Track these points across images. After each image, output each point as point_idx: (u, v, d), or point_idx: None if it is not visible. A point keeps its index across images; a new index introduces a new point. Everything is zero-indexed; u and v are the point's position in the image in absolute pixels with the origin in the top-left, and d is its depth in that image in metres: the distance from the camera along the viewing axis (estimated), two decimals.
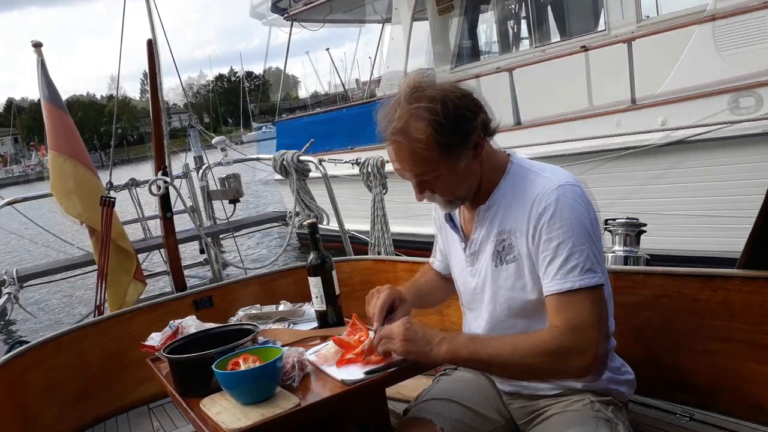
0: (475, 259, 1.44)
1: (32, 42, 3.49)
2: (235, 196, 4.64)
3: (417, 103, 1.26)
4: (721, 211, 4.89)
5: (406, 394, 1.80)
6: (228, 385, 1.24)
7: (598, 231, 1.29)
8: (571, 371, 1.22)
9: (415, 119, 1.25)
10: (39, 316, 7.86)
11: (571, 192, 1.27)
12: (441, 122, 1.24)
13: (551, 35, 7.62)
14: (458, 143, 1.28)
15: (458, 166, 1.31)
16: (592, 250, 1.24)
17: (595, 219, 1.29)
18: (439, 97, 1.25)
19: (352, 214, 4.74)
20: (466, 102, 1.29)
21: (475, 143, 1.31)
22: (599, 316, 1.22)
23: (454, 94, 1.27)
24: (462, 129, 1.27)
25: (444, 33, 8.25)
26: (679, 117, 4.86)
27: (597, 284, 1.23)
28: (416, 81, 1.29)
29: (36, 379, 2.09)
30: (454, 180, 1.33)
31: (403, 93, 1.28)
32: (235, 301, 2.40)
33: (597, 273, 1.24)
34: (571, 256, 1.24)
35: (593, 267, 1.24)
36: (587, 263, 1.23)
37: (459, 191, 1.37)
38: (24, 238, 8.15)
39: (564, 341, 1.20)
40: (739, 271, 1.51)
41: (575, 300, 1.23)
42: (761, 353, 1.48)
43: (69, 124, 3.55)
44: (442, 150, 1.27)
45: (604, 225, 2.75)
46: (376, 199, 3.90)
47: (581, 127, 5.43)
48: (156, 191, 3.24)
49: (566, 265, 1.24)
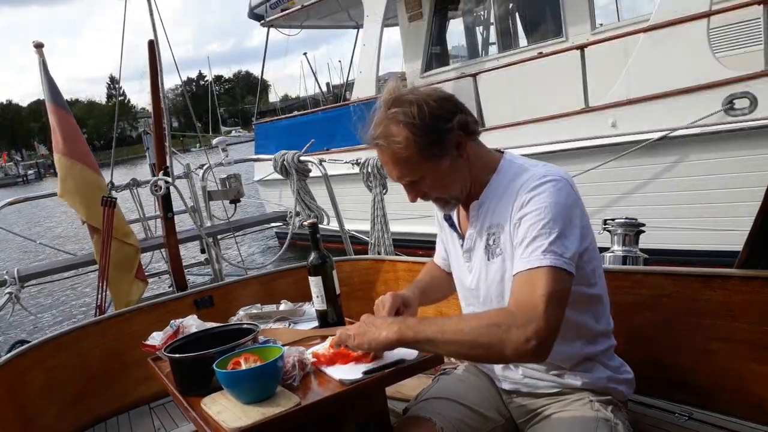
0: (471, 256, 1.46)
1: (33, 42, 3.49)
2: (236, 196, 4.64)
3: (395, 107, 1.32)
4: (704, 207, 5.08)
5: (406, 393, 1.80)
6: (229, 385, 1.25)
7: (577, 224, 1.26)
8: (508, 345, 1.15)
9: (393, 124, 1.32)
10: (39, 316, 7.87)
11: (554, 183, 1.27)
12: (417, 124, 1.30)
13: (519, 42, 7.99)
14: (436, 143, 1.32)
15: (442, 166, 1.35)
16: (562, 237, 1.22)
17: (575, 213, 1.27)
18: (415, 101, 1.31)
19: (352, 215, 4.76)
20: (443, 104, 1.33)
21: (456, 143, 1.34)
22: (551, 296, 1.17)
23: (431, 98, 1.32)
24: (438, 129, 1.31)
25: (415, 39, 8.54)
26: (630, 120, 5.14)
27: (557, 266, 1.20)
28: (395, 88, 1.35)
29: (36, 379, 2.09)
30: (441, 180, 1.37)
31: (383, 99, 1.35)
32: (236, 301, 2.41)
33: (561, 257, 1.21)
34: (538, 237, 1.23)
35: (558, 250, 1.21)
36: (552, 246, 1.21)
37: (450, 191, 1.40)
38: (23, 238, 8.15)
39: (508, 315, 1.18)
40: (739, 271, 1.51)
41: (532, 278, 1.20)
42: (761, 353, 1.48)
43: (72, 124, 3.57)
44: (421, 151, 1.32)
45: (603, 225, 2.75)
46: (376, 199, 3.91)
47: (540, 130, 5.74)
48: (157, 191, 3.25)
49: (531, 245, 1.23)
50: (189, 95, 5.09)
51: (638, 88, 5.09)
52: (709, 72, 4.69)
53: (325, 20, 10.36)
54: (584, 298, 1.37)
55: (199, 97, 72.31)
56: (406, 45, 8.70)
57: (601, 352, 1.41)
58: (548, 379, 1.41)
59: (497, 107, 6.45)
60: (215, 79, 77.48)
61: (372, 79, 7.70)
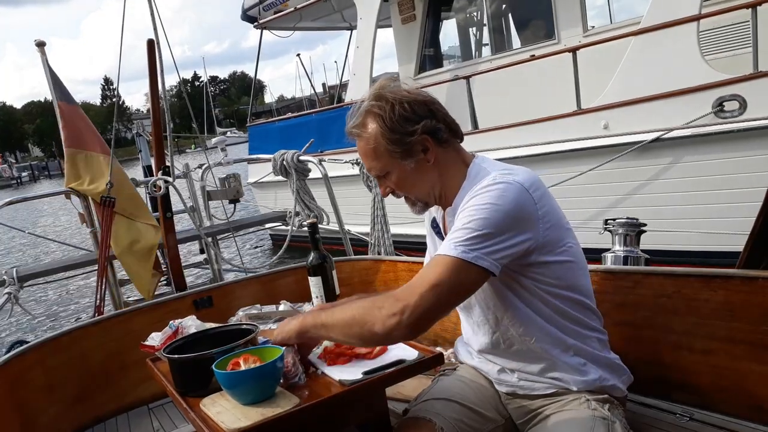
0: None
1: (35, 41, 3.49)
2: (236, 196, 4.63)
3: (375, 101, 1.39)
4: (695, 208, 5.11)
5: (406, 394, 1.80)
6: (228, 385, 1.24)
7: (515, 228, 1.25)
8: (378, 321, 1.21)
9: (368, 117, 1.39)
10: (39, 316, 7.86)
11: (502, 187, 1.27)
12: (386, 122, 1.36)
13: (512, 44, 7.99)
14: (398, 142, 1.37)
15: (406, 166, 1.40)
16: (487, 235, 1.22)
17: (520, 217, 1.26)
18: (391, 99, 1.37)
19: (353, 217, 4.76)
20: (416, 107, 1.37)
21: (423, 147, 1.38)
22: (437, 282, 1.20)
23: (405, 99, 1.37)
24: (403, 131, 1.36)
25: (408, 41, 8.55)
26: (622, 121, 5.16)
27: (463, 258, 1.21)
28: (381, 85, 1.42)
29: (36, 379, 2.09)
30: (405, 179, 1.42)
31: (369, 92, 1.42)
32: (235, 301, 2.40)
33: (473, 251, 1.21)
34: (460, 230, 1.25)
35: (474, 246, 1.21)
36: (469, 241, 1.22)
37: (415, 192, 1.45)
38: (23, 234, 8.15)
39: (388, 297, 1.23)
40: (739, 271, 1.51)
41: (432, 265, 1.24)
42: (761, 353, 1.48)
43: (81, 115, 3.60)
44: (387, 147, 1.38)
45: (603, 225, 2.75)
46: (376, 199, 3.90)
47: (532, 132, 5.75)
48: (156, 191, 3.24)
49: (451, 236, 1.26)
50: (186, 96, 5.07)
51: (630, 90, 5.12)
52: (699, 74, 4.73)
53: (319, 22, 10.33)
54: (568, 301, 1.38)
55: (194, 98, 72.44)
56: (399, 47, 8.71)
57: (594, 351, 1.41)
58: (544, 381, 1.41)
59: (490, 109, 6.47)
60: (210, 79, 77.90)
61: (366, 80, 7.69)
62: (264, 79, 71.33)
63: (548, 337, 1.37)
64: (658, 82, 4.95)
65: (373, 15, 7.74)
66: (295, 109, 23.51)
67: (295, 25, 10.11)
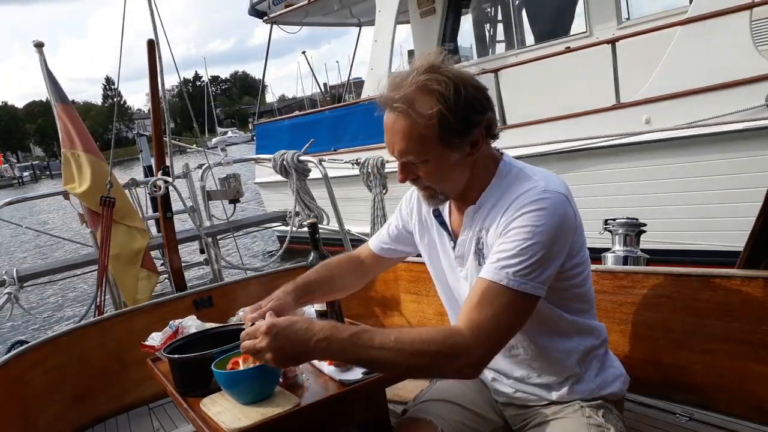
0: (464, 261, 1.39)
1: (34, 42, 3.49)
2: (236, 196, 4.64)
3: (432, 74, 1.20)
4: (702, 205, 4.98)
5: (404, 395, 1.80)
6: (227, 385, 1.24)
7: (563, 246, 1.21)
8: (449, 369, 1.16)
9: (424, 92, 1.19)
10: (39, 316, 7.86)
11: (553, 201, 1.20)
12: (450, 105, 1.18)
13: (528, 39, 7.78)
14: (458, 132, 1.22)
15: (450, 158, 1.24)
16: (540, 261, 1.17)
17: (566, 233, 1.22)
18: (454, 78, 1.19)
19: (353, 216, 4.75)
20: (480, 95, 1.23)
21: (474, 140, 1.25)
22: (507, 327, 1.17)
23: (469, 82, 1.22)
24: (468, 119, 1.21)
25: (427, 35, 8.33)
26: (664, 116, 4.97)
27: (522, 290, 1.16)
28: (434, 60, 1.22)
29: (36, 379, 2.09)
30: (441, 171, 1.27)
31: (416, 65, 1.22)
32: (235, 301, 2.40)
33: (531, 281, 1.16)
34: (518, 255, 1.17)
35: (532, 276, 1.16)
36: (529, 269, 1.16)
37: (443, 185, 1.31)
38: None
39: (459, 341, 1.13)
40: (739, 271, 1.51)
41: (496, 298, 1.16)
42: (761, 353, 1.48)
43: (75, 116, 3.61)
44: (441, 133, 1.20)
45: (604, 225, 2.75)
46: (376, 199, 3.90)
47: (566, 127, 5.55)
48: (156, 191, 3.24)
49: (509, 260, 1.17)
50: (186, 96, 5.05)
51: (675, 82, 4.89)
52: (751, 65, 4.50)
53: (328, 17, 10.17)
54: (572, 309, 1.35)
55: (195, 98, 72.87)
56: (417, 42, 8.42)
57: (592, 360, 1.39)
58: (538, 394, 1.40)
59: (518, 104, 6.16)
60: (212, 79, 78.03)
61: (384, 76, 7.53)
62: (266, 79, 71.03)
63: (546, 343, 1.35)
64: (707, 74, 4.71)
65: (393, 7, 7.45)
66: (297, 108, 23.40)
67: (302, 20, 9.98)
